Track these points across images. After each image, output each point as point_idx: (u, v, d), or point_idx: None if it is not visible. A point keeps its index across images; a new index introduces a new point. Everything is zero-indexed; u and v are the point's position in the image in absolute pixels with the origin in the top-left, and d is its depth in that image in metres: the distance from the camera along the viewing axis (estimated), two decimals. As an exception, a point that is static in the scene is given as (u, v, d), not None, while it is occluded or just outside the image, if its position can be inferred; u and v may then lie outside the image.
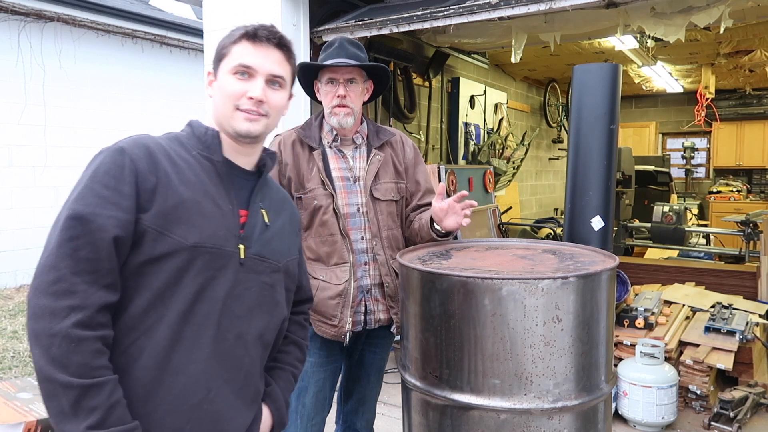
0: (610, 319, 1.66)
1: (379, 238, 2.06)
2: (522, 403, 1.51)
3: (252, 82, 1.24)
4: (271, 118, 1.28)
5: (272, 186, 1.40)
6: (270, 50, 1.26)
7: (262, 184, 1.33)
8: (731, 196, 9.39)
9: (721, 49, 6.33)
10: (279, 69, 1.27)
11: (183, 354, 1.13)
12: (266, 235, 1.29)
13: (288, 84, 1.31)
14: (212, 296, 1.16)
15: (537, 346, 1.50)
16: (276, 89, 1.27)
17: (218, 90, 1.27)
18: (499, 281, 1.50)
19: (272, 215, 1.33)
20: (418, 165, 2.19)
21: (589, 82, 2.91)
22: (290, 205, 1.45)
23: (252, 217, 1.27)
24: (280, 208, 1.38)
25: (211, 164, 1.24)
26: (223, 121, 1.26)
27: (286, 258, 1.34)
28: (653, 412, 3.21)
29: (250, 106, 1.23)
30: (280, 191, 1.44)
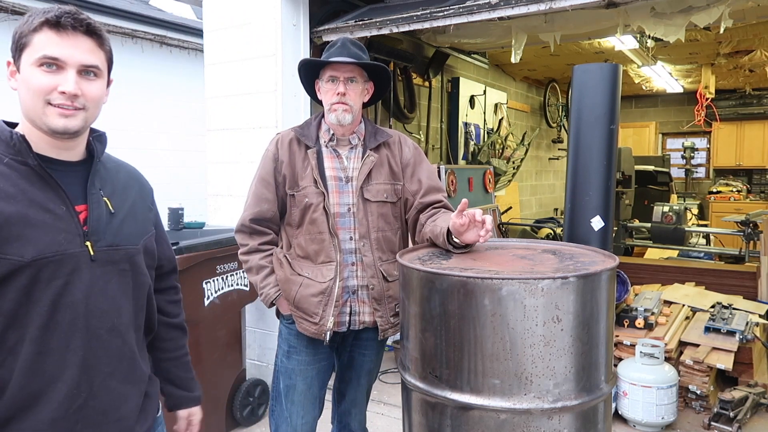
0: (610, 319, 1.66)
1: (367, 239, 2.05)
2: (522, 403, 1.51)
3: (62, 75, 1.14)
4: (90, 110, 1.20)
5: (111, 168, 1.34)
6: (78, 38, 1.16)
7: (97, 171, 1.26)
8: (731, 196, 9.39)
9: (721, 49, 6.33)
10: (91, 58, 1.18)
11: (55, 363, 1.15)
12: (114, 223, 1.26)
13: (104, 71, 1.23)
14: (71, 301, 1.16)
15: (537, 346, 1.50)
16: (91, 79, 1.19)
17: (23, 84, 1.16)
18: (499, 281, 1.50)
19: (117, 199, 1.29)
20: (421, 164, 2.16)
21: (589, 82, 2.91)
22: (137, 180, 1.41)
23: (93, 210, 1.22)
24: (126, 187, 1.34)
25: (29, 168, 1.16)
26: (34, 117, 1.16)
27: (142, 237, 1.33)
28: (653, 412, 3.21)
29: (63, 100, 1.14)
30: (122, 169, 1.38)
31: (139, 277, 1.31)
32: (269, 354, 3.74)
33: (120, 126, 7.18)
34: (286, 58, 3.57)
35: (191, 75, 7.84)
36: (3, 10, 6.57)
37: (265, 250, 2.10)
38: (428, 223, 2.01)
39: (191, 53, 7.92)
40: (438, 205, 2.09)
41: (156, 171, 7.06)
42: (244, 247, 2.12)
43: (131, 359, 1.29)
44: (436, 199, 2.10)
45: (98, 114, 1.24)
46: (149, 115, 7.37)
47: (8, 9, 6.59)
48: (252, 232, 2.10)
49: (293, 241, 2.08)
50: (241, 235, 2.12)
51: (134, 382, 1.30)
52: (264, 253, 2.10)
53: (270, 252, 2.11)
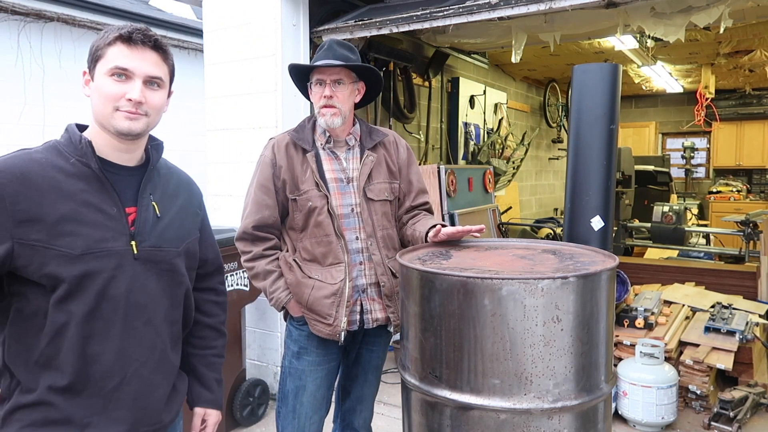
0: (610, 319, 1.66)
1: (374, 237, 2.08)
2: (522, 403, 1.51)
3: (130, 84, 1.29)
4: (152, 116, 1.34)
5: (164, 174, 1.46)
6: (146, 52, 1.32)
7: (150, 177, 1.39)
8: (731, 196, 9.39)
9: (721, 49, 6.33)
10: (156, 70, 1.33)
11: (95, 347, 1.28)
12: (159, 226, 1.37)
13: (166, 83, 1.38)
14: (114, 294, 1.28)
15: (537, 346, 1.50)
16: (154, 89, 1.34)
17: (96, 91, 1.31)
18: (499, 281, 1.50)
19: (165, 205, 1.41)
20: (411, 165, 2.21)
21: (589, 82, 2.91)
22: (187, 187, 1.53)
23: (142, 213, 1.35)
24: (175, 193, 1.47)
25: (90, 170, 1.29)
26: (103, 121, 1.31)
27: (185, 241, 1.44)
28: (653, 412, 3.21)
29: (130, 107, 1.29)
30: (174, 175, 1.50)
31: (176, 276, 1.41)
32: (269, 354, 3.74)
33: (120, 126, 7.17)
34: (286, 58, 3.57)
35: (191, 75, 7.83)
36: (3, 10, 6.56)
37: (270, 255, 2.10)
38: (409, 226, 2.16)
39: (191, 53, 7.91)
40: (422, 207, 2.22)
41: (156, 171, 7.07)
42: (248, 254, 2.10)
43: (163, 351, 1.38)
44: (424, 201, 2.22)
45: (158, 121, 1.38)
46: (149, 115, 7.36)
47: (8, 9, 6.58)
48: (255, 239, 2.09)
49: (298, 244, 2.09)
50: (244, 243, 2.11)
51: (164, 373, 1.40)
52: (269, 258, 2.09)
53: (275, 256, 2.11)
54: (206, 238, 1.58)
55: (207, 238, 1.59)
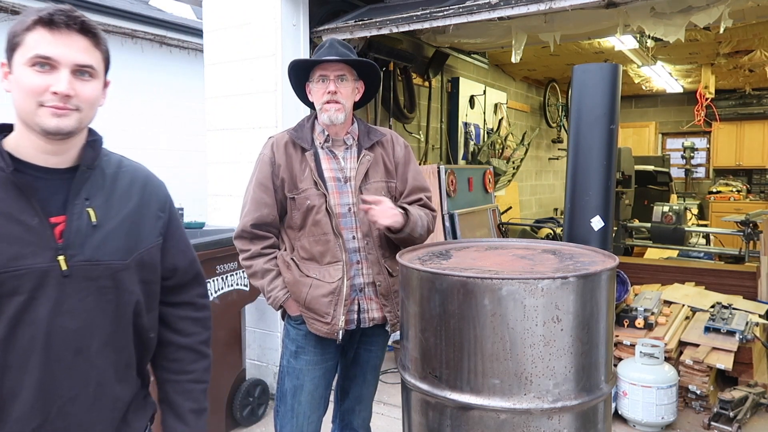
0: (610, 319, 1.66)
1: (371, 237, 2.09)
2: (522, 403, 1.51)
3: (55, 75, 1.10)
4: (84, 111, 1.14)
5: (111, 174, 1.24)
6: (72, 37, 1.12)
7: (84, 179, 1.18)
8: (731, 196, 9.39)
9: (721, 49, 6.33)
10: (85, 57, 1.13)
11: (12, 381, 1.10)
12: (97, 236, 1.16)
13: (100, 72, 1.18)
14: (33, 319, 1.09)
15: (537, 346, 1.50)
16: (86, 80, 1.14)
17: (15, 85, 1.12)
18: (499, 281, 1.50)
19: (107, 210, 1.19)
20: (409, 163, 2.21)
21: (589, 82, 2.91)
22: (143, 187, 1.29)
23: (72, 222, 1.14)
24: (126, 195, 1.24)
25: (5, 175, 1.10)
26: (26, 119, 1.12)
27: (136, 251, 1.22)
28: (653, 412, 3.21)
29: (56, 101, 1.10)
30: (126, 175, 1.27)
31: (123, 295, 1.20)
32: (269, 354, 3.74)
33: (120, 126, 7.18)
34: (286, 58, 3.57)
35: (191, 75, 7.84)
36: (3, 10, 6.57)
37: (268, 253, 2.10)
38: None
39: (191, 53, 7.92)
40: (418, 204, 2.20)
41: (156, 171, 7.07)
42: (246, 252, 2.11)
43: (100, 384, 1.18)
44: (418, 198, 2.20)
45: (93, 116, 1.19)
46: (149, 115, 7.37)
47: (8, 9, 6.59)
48: (253, 238, 2.10)
49: (296, 243, 2.09)
50: (242, 241, 2.11)
51: (105, 409, 1.19)
52: (267, 257, 2.10)
53: (273, 255, 2.11)
54: (174, 243, 1.34)
55: (176, 244, 1.35)
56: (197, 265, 1.43)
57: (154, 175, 1.36)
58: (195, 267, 1.42)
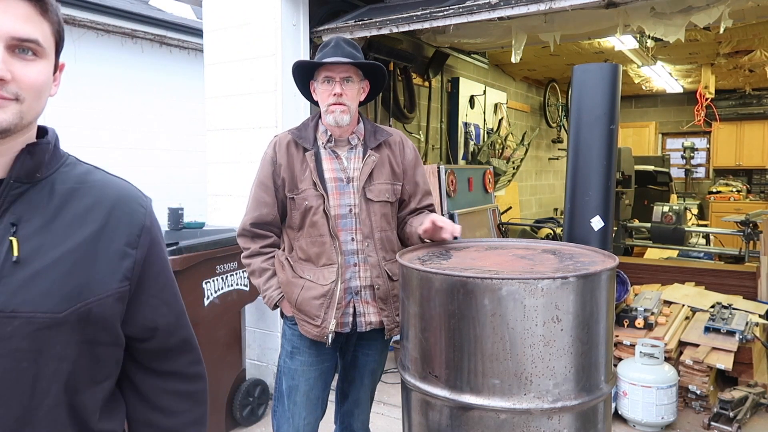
0: (610, 319, 1.66)
1: (371, 239, 2.06)
2: (522, 403, 1.51)
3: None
4: (27, 102, 0.84)
5: (63, 191, 0.91)
6: (8, 2, 0.82)
7: (14, 197, 0.86)
8: (731, 196, 9.39)
9: (721, 49, 6.33)
10: (27, 29, 0.83)
11: None
12: (18, 275, 0.83)
13: (49, 50, 0.88)
14: None
15: (537, 346, 1.50)
16: (28, 59, 0.84)
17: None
18: (499, 281, 1.50)
19: (41, 241, 0.86)
20: (418, 167, 2.20)
21: (589, 82, 2.91)
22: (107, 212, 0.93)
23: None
24: (78, 221, 0.90)
25: None
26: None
27: (79, 300, 0.87)
28: (653, 412, 3.21)
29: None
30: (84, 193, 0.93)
31: (49, 363, 0.85)
32: (269, 354, 3.74)
33: (120, 126, 7.18)
34: (286, 58, 3.57)
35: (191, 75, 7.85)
36: (3, 10, 6.55)
37: (266, 253, 2.10)
38: (408, 223, 2.17)
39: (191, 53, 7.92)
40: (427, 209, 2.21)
41: (155, 171, 7.07)
42: (247, 250, 2.12)
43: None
44: (428, 204, 2.21)
45: (40, 109, 0.89)
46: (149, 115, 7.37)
47: (8, 9, 6.57)
48: (253, 236, 2.10)
49: (295, 243, 2.08)
50: (243, 239, 2.13)
51: None
52: (265, 256, 2.10)
53: (271, 255, 2.11)
54: (154, 293, 0.98)
55: (156, 294, 0.99)
56: (185, 322, 1.06)
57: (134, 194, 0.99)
58: (183, 326, 1.05)
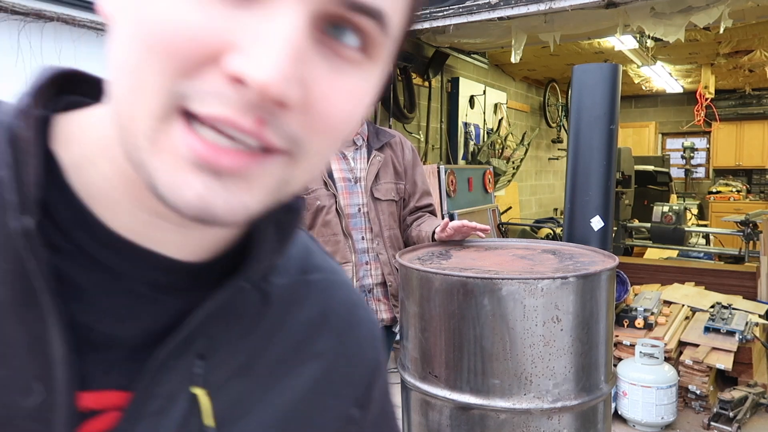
0: (610, 319, 1.66)
1: (381, 237, 2.10)
2: (521, 403, 1.51)
3: (257, 18, 0.31)
4: (309, 153, 0.35)
5: (279, 296, 0.47)
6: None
7: (223, 310, 0.41)
8: (731, 196, 9.39)
9: (720, 49, 6.33)
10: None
11: None
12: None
13: (388, 42, 0.37)
14: None
15: (536, 346, 1.50)
16: (348, 59, 0.34)
17: (128, 36, 0.32)
18: (499, 281, 1.50)
19: (243, 391, 0.44)
20: (417, 166, 2.23)
21: (589, 82, 2.91)
22: (335, 341, 0.51)
23: (142, 417, 0.38)
24: (299, 351, 0.48)
25: (11, 237, 0.34)
26: (125, 136, 0.34)
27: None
28: (653, 412, 3.21)
29: (233, 114, 0.31)
30: (314, 299, 0.51)
31: None
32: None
33: (120, 126, 7.18)
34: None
35: (191, 75, 7.83)
36: (3, 10, 6.57)
37: None
38: (414, 227, 2.17)
39: (191, 53, 7.92)
40: (426, 209, 2.23)
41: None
42: None
43: None
44: (428, 203, 2.23)
45: (323, 164, 0.42)
46: (149, 115, 7.37)
47: (8, 9, 6.59)
48: None
49: None
50: None
51: None
52: None
53: None
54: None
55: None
56: None
57: (362, 302, 0.57)
58: None
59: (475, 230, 1.99)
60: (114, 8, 0.34)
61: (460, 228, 1.99)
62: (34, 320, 0.35)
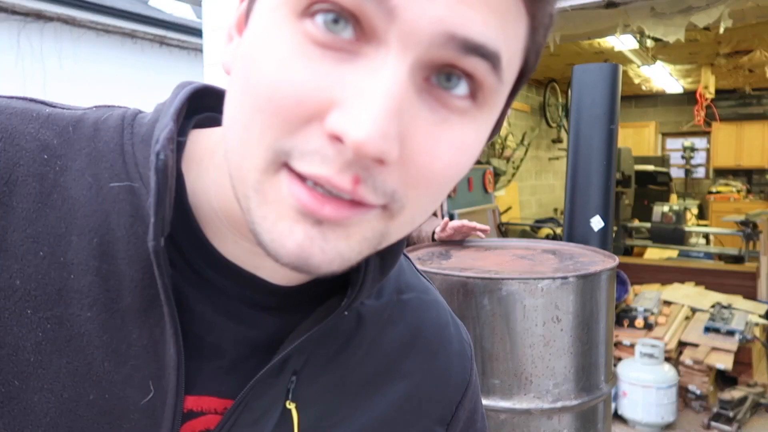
0: (610, 319, 1.66)
1: None
2: (522, 403, 1.51)
3: (358, 71, 0.31)
4: (409, 207, 0.35)
5: (372, 318, 0.49)
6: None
7: (327, 331, 0.44)
8: (731, 196, 9.39)
9: (720, 49, 6.33)
10: (484, 30, 0.31)
11: None
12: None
13: (503, 87, 0.36)
14: None
15: (536, 346, 1.50)
16: (455, 109, 0.33)
17: (243, 60, 0.34)
18: (499, 281, 1.50)
19: (330, 407, 0.46)
20: None
21: (589, 82, 2.91)
22: (424, 360, 0.52)
23: (241, 425, 0.42)
24: (386, 372, 0.49)
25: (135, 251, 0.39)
26: (237, 184, 0.35)
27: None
28: (653, 412, 3.21)
29: (330, 172, 0.32)
30: (408, 317, 0.52)
31: None
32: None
33: (120, 126, 7.17)
34: (286, 58, 3.57)
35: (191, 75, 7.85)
36: (3, 10, 6.57)
37: None
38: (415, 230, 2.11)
39: (191, 53, 7.92)
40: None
41: (156, 171, 7.07)
42: None
43: None
44: None
45: (425, 217, 0.41)
46: (149, 115, 7.37)
47: (8, 9, 6.59)
48: None
49: None
50: None
51: None
52: None
53: None
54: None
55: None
56: None
57: (454, 320, 0.61)
58: None
59: (475, 230, 2.00)
60: (231, 63, 0.37)
61: (460, 228, 1.99)
62: (154, 326, 0.39)
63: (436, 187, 0.35)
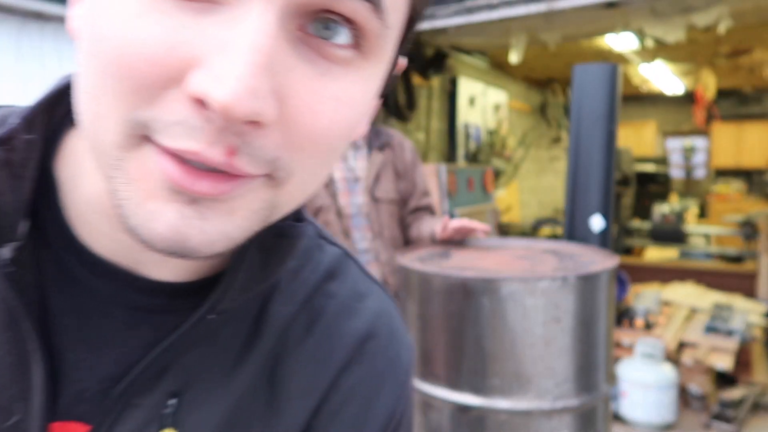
0: (610, 319, 1.66)
1: (381, 237, 2.09)
2: (521, 403, 1.51)
3: (220, 23, 0.27)
4: (297, 176, 0.32)
5: (284, 321, 0.43)
6: None
7: (192, 341, 0.38)
8: (731, 196, 9.39)
9: (720, 49, 6.34)
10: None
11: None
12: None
13: (389, 35, 0.32)
14: None
15: (537, 346, 1.50)
16: (336, 60, 0.30)
17: (88, 29, 0.30)
18: (499, 281, 1.50)
19: (233, 428, 0.40)
20: (417, 167, 2.24)
21: (589, 82, 2.91)
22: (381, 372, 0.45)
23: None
24: (304, 386, 0.43)
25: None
26: (99, 159, 0.31)
27: None
28: (653, 412, 3.21)
29: (195, 140, 0.28)
30: (336, 324, 0.45)
31: None
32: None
33: (120, 126, 7.18)
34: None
35: (191, 75, 7.84)
36: (2, 10, 6.57)
37: None
38: (414, 227, 2.17)
39: (191, 53, 7.93)
40: (426, 209, 2.23)
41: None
42: None
43: None
44: (427, 203, 2.23)
45: (318, 186, 0.38)
46: (149, 115, 7.37)
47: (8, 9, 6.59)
48: None
49: None
50: None
51: None
52: None
53: None
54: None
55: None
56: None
57: (383, 330, 0.47)
58: None
59: (475, 230, 2.00)
60: (78, 23, 0.31)
61: (460, 228, 1.99)
62: (19, 342, 0.34)
63: (324, 148, 0.31)
